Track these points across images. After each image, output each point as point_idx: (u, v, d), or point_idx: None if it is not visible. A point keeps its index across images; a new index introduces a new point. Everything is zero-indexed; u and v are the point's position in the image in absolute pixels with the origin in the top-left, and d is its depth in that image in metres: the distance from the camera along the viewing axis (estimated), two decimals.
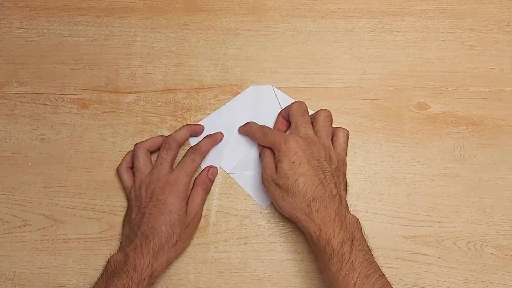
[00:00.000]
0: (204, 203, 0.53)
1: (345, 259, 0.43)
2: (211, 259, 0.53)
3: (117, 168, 0.54)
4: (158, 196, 0.49)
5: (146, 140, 0.54)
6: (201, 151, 0.53)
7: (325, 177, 0.47)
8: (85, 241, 0.54)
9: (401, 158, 0.55)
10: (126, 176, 0.53)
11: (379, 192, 0.54)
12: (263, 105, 0.57)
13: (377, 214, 0.54)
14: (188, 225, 0.51)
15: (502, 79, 0.58)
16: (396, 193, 0.54)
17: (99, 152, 0.56)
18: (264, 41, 0.59)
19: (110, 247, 0.53)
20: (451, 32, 0.59)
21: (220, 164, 0.55)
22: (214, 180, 0.55)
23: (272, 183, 0.49)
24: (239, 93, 0.58)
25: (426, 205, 0.54)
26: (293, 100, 0.57)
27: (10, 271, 0.53)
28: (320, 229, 0.45)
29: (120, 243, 0.51)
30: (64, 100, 0.58)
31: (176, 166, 0.52)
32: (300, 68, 0.58)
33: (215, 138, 0.55)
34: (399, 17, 0.60)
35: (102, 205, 0.55)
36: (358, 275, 0.42)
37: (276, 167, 0.49)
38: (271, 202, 0.54)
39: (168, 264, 0.50)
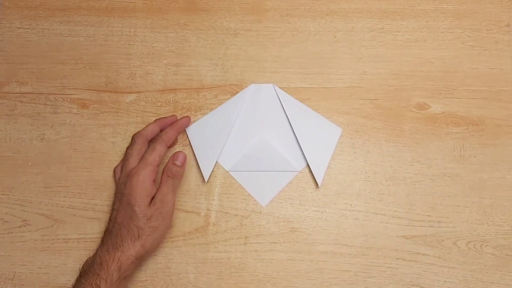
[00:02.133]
0: (172, 191, 0.51)
1: None
2: (211, 259, 0.53)
3: (114, 169, 0.54)
4: (123, 190, 0.50)
5: (134, 144, 0.53)
6: (161, 139, 0.52)
7: None
8: (85, 241, 0.54)
9: (401, 158, 0.55)
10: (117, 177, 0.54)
11: (379, 192, 0.54)
12: (264, 103, 0.57)
13: (377, 214, 0.54)
14: (151, 217, 0.49)
15: (502, 79, 0.58)
16: (396, 193, 0.54)
17: (99, 152, 0.56)
18: (264, 41, 0.59)
19: None
20: (451, 32, 0.59)
21: (216, 159, 0.55)
22: (182, 165, 0.52)
23: None
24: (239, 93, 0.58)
25: (426, 205, 0.54)
26: (294, 99, 0.57)
27: (10, 271, 0.53)
28: None
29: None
30: (64, 100, 0.58)
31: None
32: (300, 68, 0.58)
33: (180, 124, 0.55)
34: (399, 17, 0.60)
35: (102, 205, 0.55)
36: None
37: None
38: (271, 201, 0.54)
39: (138, 258, 0.48)
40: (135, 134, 0.53)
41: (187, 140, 0.56)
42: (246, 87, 0.58)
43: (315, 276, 0.52)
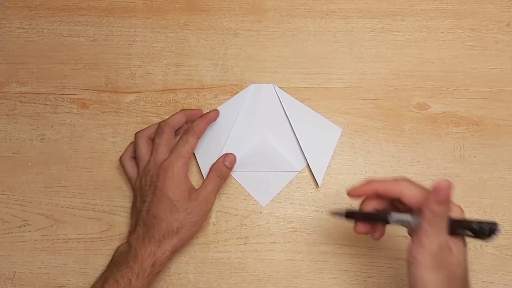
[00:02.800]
0: (217, 190, 0.52)
1: None
2: (211, 259, 0.53)
3: (120, 158, 0.54)
4: (156, 183, 0.49)
5: (146, 128, 0.54)
6: (193, 131, 0.52)
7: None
8: (85, 241, 0.54)
9: (401, 158, 0.55)
10: (129, 166, 0.53)
11: None
12: (264, 103, 0.57)
13: None
14: (191, 212, 0.49)
15: (502, 79, 0.58)
16: None
17: (99, 152, 0.56)
18: (264, 41, 0.59)
19: (110, 247, 0.53)
20: (451, 32, 0.59)
21: (216, 159, 0.55)
22: (231, 168, 0.53)
23: (430, 268, 0.37)
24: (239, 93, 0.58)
25: None
26: (294, 99, 0.57)
27: (10, 271, 0.53)
28: None
29: (128, 232, 0.52)
30: (64, 100, 0.58)
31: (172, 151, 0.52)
32: (300, 68, 0.58)
33: (210, 117, 0.54)
34: (399, 17, 0.60)
35: (102, 205, 0.55)
36: None
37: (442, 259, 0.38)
38: (271, 201, 0.54)
39: (173, 252, 0.49)
40: (161, 122, 0.52)
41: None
42: (246, 87, 0.58)
43: (315, 276, 0.52)
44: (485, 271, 0.52)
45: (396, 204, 0.43)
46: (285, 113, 0.56)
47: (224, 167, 0.53)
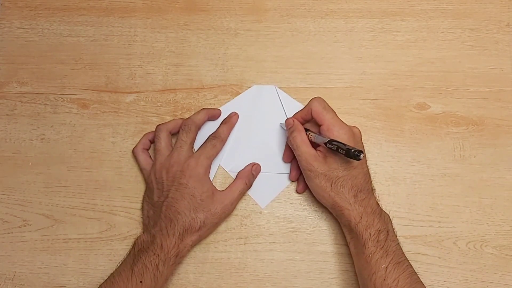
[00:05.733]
0: (241, 197, 0.53)
1: (380, 245, 0.46)
2: (211, 259, 0.53)
3: (132, 149, 0.55)
4: (180, 179, 0.50)
5: (169, 121, 0.54)
6: (221, 138, 0.53)
7: (368, 170, 0.50)
8: (85, 241, 0.54)
9: (401, 158, 0.55)
10: (143, 158, 0.54)
11: (379, 192, 0.54)
12: (266, 105, 0.57)
13: None
14: (214, 213, 0.50)
15: (502, 79, 0.58)
16: (396, 193, 0.54)
17: (99, 152, 0.56)
18: (264, 41, 0.59)
19: (110, 247, 0.53)
20: (451, 32, 0.59)
21: (219, 162, 0.55)
22: (256, 177, 0.55)
23: (319, 174, 0.48)
24: (239, 93, 0.58)
25: (426, 205, 0.54)
26: (296, 101, 0.57)
27: (10, 271, 0.53)
28: (361, 217, 0.47)
29: (144, 224, 0.52)
30: (64, 100, 0.58)
31: (197, 150, 0.52)
32: (300, 68, 0.58)
33: (232, 123, 0.55)
34: (399, 17, 0.60)
35: (102, 205, 0.55)
36: (390, 261, 0.45)
37: (326, 159, 0.49)
38: (270, 202, 0.54)
39: (193, 246, 0.51)
40: (187, 120, 0.53)
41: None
42: (246, 87, 0.58)
43: (315, 276, 0.52)
44: (485, 271, 0.52)
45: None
46: (286, 115, 0.56)
47: (252, 176, 0.54)
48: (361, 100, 0.57)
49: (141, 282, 0.45)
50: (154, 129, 0.54)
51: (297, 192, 0.54)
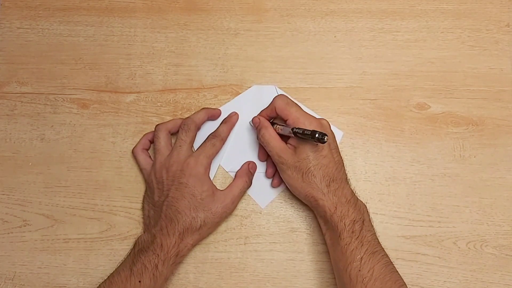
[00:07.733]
0: (241, 196, 0.53)
1: (355, 235, 0.46)
2: (211, 259, 0.53)
3: (132, 150, 0.55)
4: (180, 179, 0.50)
5: (168, 121, 0.54)
6: (221, 137, 0.53)
7: (340, 160, 0.50)
8: (85, 241, 0.54)
9: (401, 158, 0.56)
10: (142, 158, 0.54)
11: (379, 192, 0.54)
12: (266, 105, 0.57)
13: (377, 214, 0.54)
14: (215, 212, 0.50)
15: (502, 79, 0.58)
16: (396, 193, 0.54)
17: (99, 152, 0.56)
18: (264, 41, 0.59)
19: (110, 247, 0.53)
20: (451, 32, 0.59)
21: (219, 162, 0.55)
22: (253, 175, 0.55)
23: (290, 166, 0.49)
24: (239, 93, 0.58)
25: (426, 205, 0.54)
26: (296, 101, 0.57)
27: (10, 271, 0.53)
28: (335, 208, 0.47)
29: (144, 224, 0.52)
30: (64, 100, 0.58)
31: (196, 149, 0.52)
32: (300, 68, 0.58)
33: (232, 122, 0.55)
34: (399, 17, 0.60)
35: (102, 205, 0.55)
36: (365, 251, 0.45)
37: (296, 150, 0.49)
38: (270, 202, 0.54)
39: (193, 245, 0.51)
40: (187, 119, 0.53)
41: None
42: (246, 87, 0.58)
43: (315, 276, 0.52)
44: (485, 271, 0.52)
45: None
46: None
47: (250, 174, 0.54)
48: (361, 100, 0.57)
49: (140, 282, 0.46)
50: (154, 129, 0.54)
51: (272, 186, 0.54)
